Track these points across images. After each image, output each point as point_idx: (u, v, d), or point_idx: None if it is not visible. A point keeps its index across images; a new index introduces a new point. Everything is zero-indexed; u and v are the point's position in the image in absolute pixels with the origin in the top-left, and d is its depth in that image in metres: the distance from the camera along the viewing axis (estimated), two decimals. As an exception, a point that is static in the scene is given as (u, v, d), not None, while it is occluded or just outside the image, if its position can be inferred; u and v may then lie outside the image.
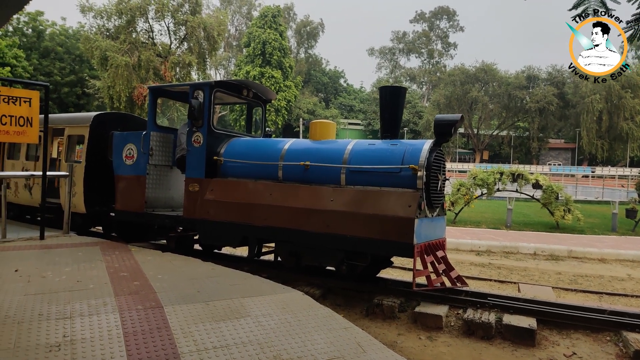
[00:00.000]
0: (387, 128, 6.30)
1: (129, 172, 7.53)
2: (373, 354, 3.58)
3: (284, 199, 6.16)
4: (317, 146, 6.43)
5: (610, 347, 4.69)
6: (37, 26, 37.24)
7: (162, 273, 5.54)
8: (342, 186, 5.96)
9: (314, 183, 6.17)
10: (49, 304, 4.18)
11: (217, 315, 4.12)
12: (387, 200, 5.49)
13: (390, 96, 6.34)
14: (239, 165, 6.78)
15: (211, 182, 6.78)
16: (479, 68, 60.91)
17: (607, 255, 11.75)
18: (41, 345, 3.31)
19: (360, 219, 5.55)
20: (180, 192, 7.76)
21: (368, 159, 5.88)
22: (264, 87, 8.16)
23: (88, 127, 8.48)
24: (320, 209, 5.83)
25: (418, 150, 5.64)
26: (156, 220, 7.38)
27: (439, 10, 77.70)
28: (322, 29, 72.78)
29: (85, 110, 35.11)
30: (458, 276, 6.05)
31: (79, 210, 8.51)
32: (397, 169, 5.63)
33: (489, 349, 4.68)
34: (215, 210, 6.63)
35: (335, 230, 5.69)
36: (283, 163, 6.41)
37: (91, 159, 8.43)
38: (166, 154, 7.69)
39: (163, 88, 8.32)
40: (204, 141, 6.82)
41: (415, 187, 5.51)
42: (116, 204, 7.71)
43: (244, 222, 6.42)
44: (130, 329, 3.68)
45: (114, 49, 28.81)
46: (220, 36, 33.74)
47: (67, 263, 5.83)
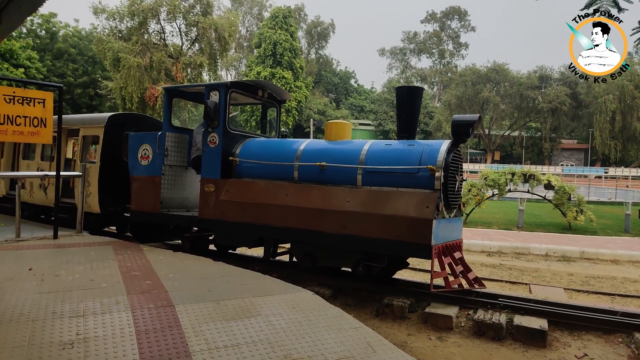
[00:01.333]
0: (403, 128, 6.26)
1: (144, 172, 7.54)
2: (383, 354, 3.58)
3: (300, 200, 6.15)
4: (333, 147, 6.41)
5: (622, 348, 4.64)
6: (50, 28, 37.73)
7: (173, 272, 5.59)
8: (359, 187, 5.94)
9: (330, 184, 6.16)
10: (63, 302, 4.24)
11: (228, 314, 4.15)
12: (404, 201, 5.46)
13: (407, 96, 6.30)
14: (255, 166, 6.77)
15: (227, 183, 6.77)
16: (491, 68, 60.48)
17: (620, 256, 11.60)
18: (55, 343, 3.36)
19: (377, 220, 5.51)
20: (195, 193, 7.76)
21: (385, 160, 5.85)
22: (278, 88, 8.15)
23: (103, 127, 8.53)
24: (336, 210, 5.82)
25: (436, 151, 5.59)
26: (171, 220, 7.38)
27: (450, 10, 77.23)
28: (333, 29, 72.76)
29: (98, 111, 35.50)
30: (475, 277, 6.00)
31: (94, 211, 8.56)
32: (415, 170, 5.59)
33: (499, 349, 4.65)
34: (231, 210, 6.63)
35: (351, 231, 5.67)
36: (299, 164, 6.40)
37: (106, 159, 8.48)
38: (181, 154, 7.69)
39: (178, 89, 8.39)
40: (220, 142, 6.82)
41: (432, 188, 5.47)
42: (131, 205, 7.72)
43: (259, 223, 6.42)
44: (142, 327, 3.72)
45: (126, 51, 29.09)
46: (231, 37, 33.90)
47: (80, 262, 5.91)
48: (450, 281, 5.52)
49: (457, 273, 5.73)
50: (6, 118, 6.60)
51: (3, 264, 5.69)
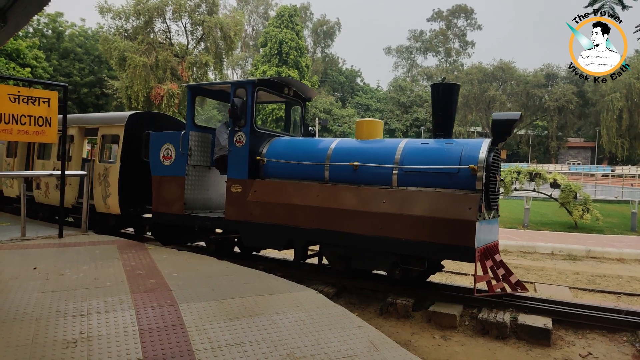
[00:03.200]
0: (440, 127, 6.03)
1: (167, 172, 7.33)
2: (386, 353, 3.57)
3: (333, 201, 5.96)
4: (366, 146, 6.20)
5: (627, 347, 4.61)
6: (56, 27, 37.92)
7: (177, 271, 5.61)
8: (395, 187, 5.74)
9: (363, 184, 5.96)
10: (67, 301, 4.27)
11: (232, 313, 4.16)
12: (445, 202, 5.25)
13: (444, 94, 6.05)
14: (282, 166, 6.57)
15: (254, 183, 6.59)
16: (497, 66, 60.21)
17: (626, 255, 11.53)
18: (58, 342, 3.38)
19: (416, 222, 5.32)
20: (218, 193, 7.63)
21: (422, 159, 5.64)
22: (304, 85, 7.97)
23: (123, 126, 8.34)
24: (371, 211, 5.61)
25: (477, 150, 5.37)
26: (196, 222, 7.17)
27: (456, 9, 76.87)
28: (339, 28, 72.68)
29: (104, 110, 35.66)
30: (517, 281, 5.71)
31: (113, 212, 8.40)
32: (455, 170, 5.38)
33: (503, 348, 4.63)
34: (259, 211, 6.44)
35: (387, 233, 5.48)
36: (330, 163, 6.20)
37: (126, 159, 8.31)
38: (205, 154, 7.47)
39: (202, 86, 8.04)
40: (247, 141, 6.63)
41: (474, 189, 5.27)
42: (153, 206, 7.52)
43: (289, 225, 6.22)
44: (146, 326, 3.74)
45: (132, 50, 29.19)
46: (237, 36, 33.91)
47: (84, 261, 5.94)
48: (493, 285, 5.31)
49: (499, 276, 5.51)
50: (11, 117, 6.64)
51: (8, 263, 5.73)
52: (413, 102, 64.58)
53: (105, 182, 8.38)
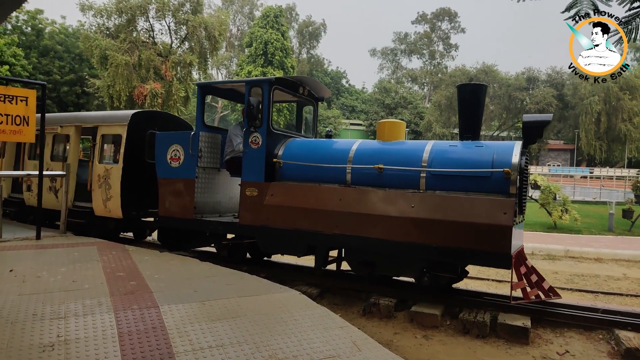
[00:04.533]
0: (467, 128, 5.86)
1: (175, 175, 7.00)
2: (368, 353, 3.59)
3: (357, 205, 5.71)
4: (390, 147, 5.98)
5: (603, 345, 4.72)
6: (36, 24, 37.14)
7: (159, 273, 5.55)
8: (423, 191, 5.52)
9: (388, 187, 5.72)
10: (44, 304, 4.19)
11: (213, 314, 4.13)
12: (478, 207, 5.06)
13: (471, 95, 5.90)
14: (300, 168, 6.30)
15: (271, 186, 6.31)
16: (480, 69, 60.95)
17: (604, 254, 11.78)
18: (35, 346, 3.32)
19: (447, 227, 5.11)
20: (227, 196, 7.42)
21: (451, 162, 5.44)
22: (319, 84, 7.67)
23: (126, 126, 8.00)
24: (400, 216, 5.38)
25: (509, 153, 5.21)
26: (208, 227, 6.84)
27: (440, 12, 77.60)
28: (324, 29, 72.73)
29: (85, 109, 35.08)
30: (550, 287, 5.52)
31: (114, 215, 8.06)
32: (488, 173, 5.19)
33: (483, 347, 4.69)
34: (277, 216, 6.17)
35: (416, 238, 5.28)
36: (352, 166, 5.96)
37: (128, 160, 7.97)
38: (214, 155, 7.21)
39: (212, 85, 7.71)
40: (263, 142, 6.37)
41: (507, 193, 5.09)
42: (160, 210, 7.19)
43: (310, 230, 5.95)
44: (125, 329, 3.69)
45: (114, 48, 28.73)
46: (222, 36, 33.65)
47: (63, 263, 5.84)
48: (528, 292, 5.19)
49: (533, 283, 5.35)
50: (-13, 116, 6.50)
51: (-16, 265, 5.60)
52: (398, 103, 65.00)
53: (106, 184, 8.02)
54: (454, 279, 5.74)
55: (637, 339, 4.56)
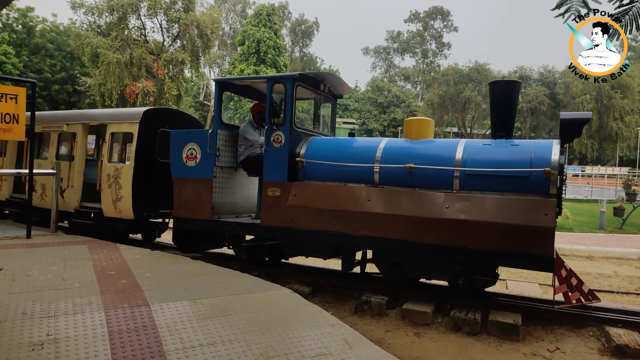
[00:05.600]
0: (500, 127, 5.71)
1: (191, 174, 6.77)
2: (359, 350, 3.60)
3: (387, 206, 5.51)
4: (420, 146, 5.79)
5: (593, 342, 4.75)
6: (27, 22, 36.81)
7: (150, 271, 5.53)
8: (456, 191, 5.34)
9: (418, 187, 5.53)
10: (33, 302, 4.16)
11: (205, 313, 4.12)
12: (518, 208, 4.90)
13: (504, 92, 5.74)
14: (324, 168, 6.08)
15: (294, 186, 6.10)
16: (472, 68, 61.16)
17: (595, 252, 11.88)
18: (24, 344, 3.29)
19: (485, 229, 4.94)
20: (243, 197, 7.25)
21: (486, 162, 5.26)
22: (340, 81, 7.43)
23: (137, 123, 7.76)
24: (433, 217, 5.19)
25: (548, 152, 5.05)
26: (227, 228, 6.62)
27: (433, 10, 77.82)
28: (317, 28, 72.73)
29: (77, 107, 34.79)
30: (589, 290, 5.36)
31: (125, 216, 7.85)
32: (526, 173, 5.02)
33: (475, 344, 4.72)
34: (302, 217, 5.95)
35: (450, 241, 5.09)
36: (380, 165, 5.76)
37: (140, 159, 7.74)
38: (232, 154, 7.00)
39: (230, 81, 7.41)
40: (286, 141, 6.15)
41: (547, 193, 4.94)
42: (175, 210, 6.96)
43: (337, 231, 5.74)
44: (116, 328, 3.67)
45: (105, 46, 28.53)
46: (214, 34, 33.54)
47: (53, 262, 5.80)
48: (570, 296, 5.04)
49: (574, 286, 5.17)
50: (-24, 114, 6.43)
51: (-27, 264, 5.55)
52: (390, 102, 65.10)
53: (116, 184, 7.80)
54: (487, 282, 5.58)
55: (627, 336, 4.60)
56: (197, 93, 59.23)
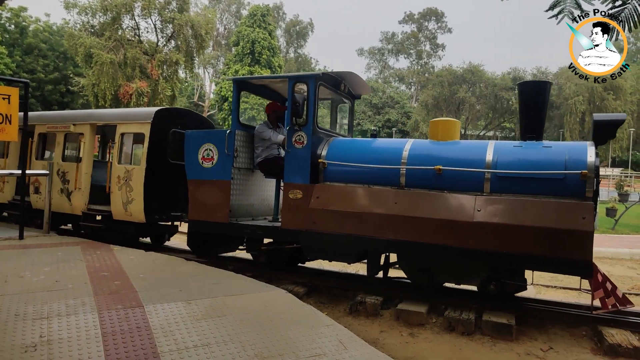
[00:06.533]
0: (531, 128, 5.57)
1: (208, 176, 6.56)
2: (354, 351, 3.60)
3: (416, 209, 5.36)
4: (448, 147, 5.66)
5: (586, 341, 4.79)
6: (20, 22, 36.59)
7: (144, 272, 5.51)
8: (487, 194, 5.22)
9: (447, 190, 5.41)
10: (26, 304, 4.13)
11: (199, 313, 4.11)
12: (554, 211, 4.79)
13: (534, 93, 5.61)
14: (346, 169, 5.95)
15: (317, 189, 5.95)
16: (466, 69, 61.42)
17: (588, 253, 11.93)
18: (16, 346, 3.27)
19: (520, 233, 4.82)
20: (260, 199, 7.11)
21: (519, 163, 5.14)
22: (360, 81, 7.20)
23: (149, 124, 7.59)
24: (465, 221, 5.06)
25: (583, 154, 4.93)
26: (245, 231, 6.44)
27: (427, 12, 78.11)
28: (312, 28, 72.84)
29: (70, 108, 34.60)
30: (623, 295, 5.20)
31: (136, 219, 7.62)
32: (561, 175, 4.91)
33: (469, 344, 4.74)
34: (325, 220, 5.78)
35: (482, 244, 4.97)
36: (407, 167, 5.62)
37: (151, 160, 7.55)
38: (249, 155, 6.83)
39: (248, 80, 7.22)
40: (309, 142, 6.00)
41: (583, 196, 4.83)
42: (190, 213, 6.75)
43: (362, 235, 5.58)
44: (109, 329, 3.65)
45: (99, 46, 28.40)
46: (208, 35, 33.48)
47: (46, 263, 5.76)
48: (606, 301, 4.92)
49: (609, 291, 5.02)
50: (-32, 114, 6.37)
51: (-35, 266, 5.50)
52: (385, 103, 65.30)
53: (127, 186, 7.61)
54: (519, 287, 5.47)
55: (619, 335, 4.64)
56: (191, 94, 59.08)
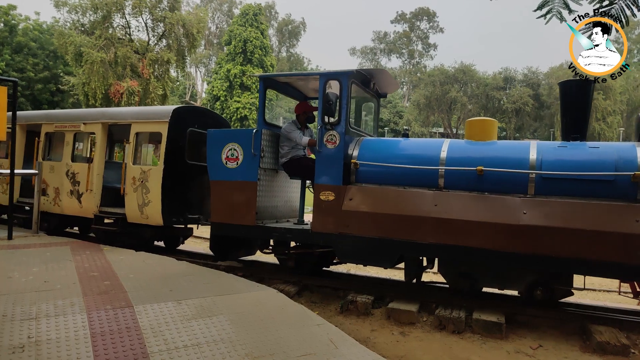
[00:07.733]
0: (574, 128, 5.38)
1: (232, 177, 6.31)
2: (345, 350, 3.61)
3: (457, 212, 5.18)
4: (488, 148, 5.46)
5: (575, 339, 4.83)
6: (9, 20, 36.17)
7: (134, 272, 5.48)
8: (531, 196, 5.03)
9: (487, 192, 5.23)
10: (14, 304, 4.09)
11: (189, 313, 4.10)
12: (605, 214, 4.66)
13: (577, 92, 5.40)
14: (380, 170, 5.72)
15: (349, 190, 5.74)
16: (458, 69, 61.70)
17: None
18: (4, 347, 3.24)
19: (569, 236, 4.67)
20: (284, 200, 6.94)
21: (565, 165, 4.97)
22: (390, 78, 6.95)
23: (167, 123, 7.32)
24: (509, 223, 4.90)
25: (633, 155, 4.76)
26: (273, 234, 6.23)
27: (419, 12, 78.39)
28: (304, 28, 72.83)
29: (60, 107, 34.25)
30: None
31: (153, 222, 7.36)
32: (611, 177, 4.74)
33: (459, 342, 4.76)
34: (359, 223, 5.58)
35: (528, 248, 4.82)
36: (445, 168, 5.40)
37: (169, 161, 7.31)
38: (275, 155, 6.62)
39: (274, 78, 6.96)
40: (341, 141, 5.79)
41: (634, 198, 4.68)
42: (213, 215, 6.51)
43: (400, 238, 5.38)
44: (98, 330, 3.63)
45: (89, 45, 28.15)
46: (200, 34, 33.32)
47: (34, 263, 5.71)
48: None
49: None
50: (-45, 113, 6.28)
51: (-48, 266, 5.43)
52: (377, 102, 65.45)
53: (143, 188, 7.34)
54: (567, 292, 5.35)
55: (608, 333, 4.68)
56: (183, 93, 58.77)
